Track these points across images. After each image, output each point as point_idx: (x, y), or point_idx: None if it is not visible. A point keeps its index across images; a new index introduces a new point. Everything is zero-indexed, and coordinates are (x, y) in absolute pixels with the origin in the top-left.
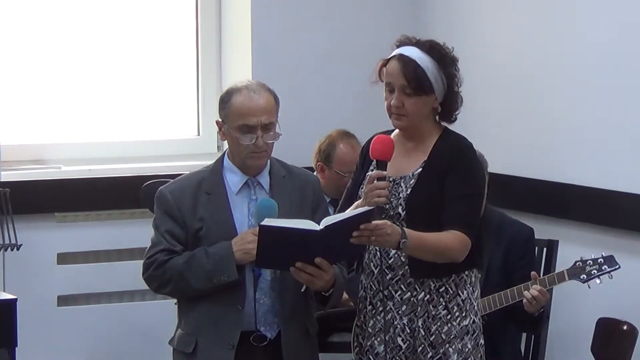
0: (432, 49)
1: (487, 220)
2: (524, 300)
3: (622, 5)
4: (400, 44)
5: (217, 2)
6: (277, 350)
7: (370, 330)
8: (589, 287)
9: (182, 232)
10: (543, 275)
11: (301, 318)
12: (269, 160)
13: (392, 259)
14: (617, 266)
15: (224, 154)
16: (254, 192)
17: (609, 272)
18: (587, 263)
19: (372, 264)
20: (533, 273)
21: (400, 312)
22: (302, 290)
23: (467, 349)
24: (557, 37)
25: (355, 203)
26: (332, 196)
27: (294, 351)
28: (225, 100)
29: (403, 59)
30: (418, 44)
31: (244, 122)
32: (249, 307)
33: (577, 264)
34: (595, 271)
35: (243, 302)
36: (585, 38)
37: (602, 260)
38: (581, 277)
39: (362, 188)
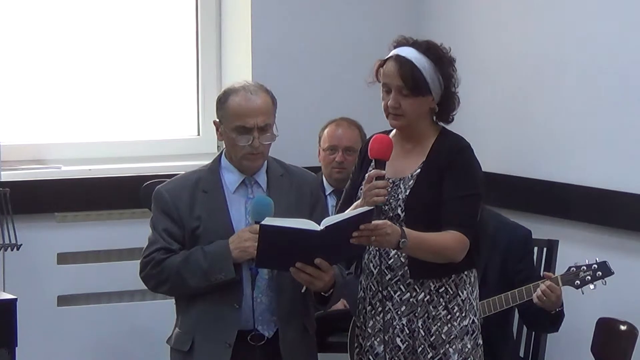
0: (429, 49)
1: (483, 224)
2: (535, 299)
3: (622, 5)
4: (398, 44)
5: (217, 2)
6: (275, 349)
7: (369, 330)
8: (583, 293)
9: (180, 230)
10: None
11: (299, 317)
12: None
13: (391, 260)
14: (611, 273)
15: (221, 152)
16: (251, 191)
17: (602, 278)
18: (581, 269)
19: (371, 265)
20: (546, 273)
21: (399, 312)
22: (303, 290)
23: (467, 349)
24: (557, 37)
25: (355, 203)
26: (328, 179)
27: (291, 350)
28: (223, 100)
29: (400, 60)
30: (415, 44)
31: (240, 123)
32: (247, 306)
33: (571, 269)
34: (589, 277)
35: (240, 301)
36: (585, 38)
37: (596, 266)
38: (575, 283)
39: (361, 188)
